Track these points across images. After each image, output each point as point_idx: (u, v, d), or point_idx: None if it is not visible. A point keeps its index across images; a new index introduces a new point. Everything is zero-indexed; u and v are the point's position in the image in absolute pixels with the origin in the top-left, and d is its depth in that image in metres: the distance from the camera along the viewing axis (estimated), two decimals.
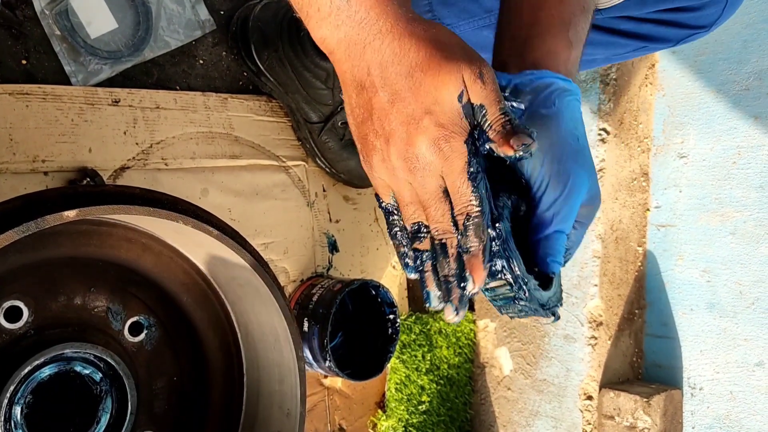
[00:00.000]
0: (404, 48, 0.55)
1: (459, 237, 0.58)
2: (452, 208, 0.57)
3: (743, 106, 1.26)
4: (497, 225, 0.59)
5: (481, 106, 0.56)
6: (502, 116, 0.56)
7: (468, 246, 0.57)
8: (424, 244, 0.60)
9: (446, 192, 0.57)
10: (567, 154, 0.62)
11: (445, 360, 1.44)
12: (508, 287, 0.60)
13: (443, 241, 0.59)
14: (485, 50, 1.01)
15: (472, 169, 0.56)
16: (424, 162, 0.56)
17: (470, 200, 0.56)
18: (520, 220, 0.65)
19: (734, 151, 1.27)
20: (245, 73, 1.17)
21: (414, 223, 0.60)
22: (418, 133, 0.56)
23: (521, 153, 0.55)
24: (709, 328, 1.29)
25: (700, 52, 1.32)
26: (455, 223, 0.58)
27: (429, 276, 0.61)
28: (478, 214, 0.56)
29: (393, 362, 1.35)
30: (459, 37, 0.58)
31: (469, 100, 0.55)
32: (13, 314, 0.72)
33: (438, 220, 0.58)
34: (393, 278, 1.37)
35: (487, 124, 0.56)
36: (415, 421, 1.38)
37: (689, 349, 1.32)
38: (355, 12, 0.54)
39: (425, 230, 0.60)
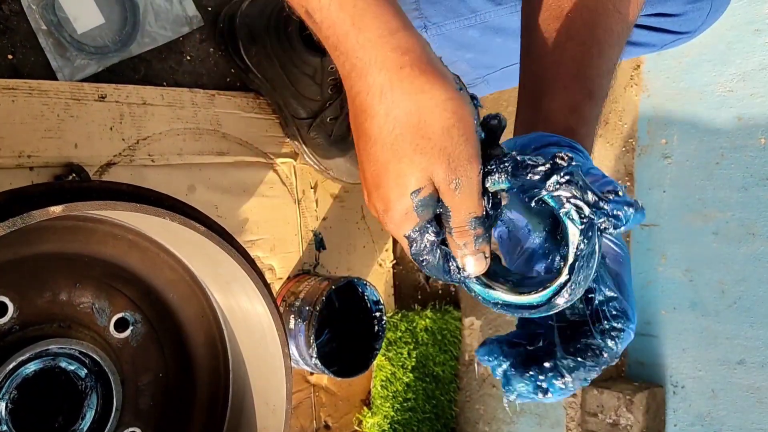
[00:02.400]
0: (374, 109, 0.50)
1: None
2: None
3: (727, 107, 1.27)
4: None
5: (447, 209, 0.52)
6: (468, 230, 0.52)
7: None
8: None
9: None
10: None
11: (431, 357, 1.44)
12: None
13: None
14: (470, 50, 1.02)
15: (415, 255, 0.55)
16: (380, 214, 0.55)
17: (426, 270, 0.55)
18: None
19: (717, 152, 1.28)
20: (233, 70, 1.17)
21: None
22: (370, 200, 0.54)
23: (471, 272, 0.53)
24: (692, 326, 1.31)
25: (685, 54, 1.33)
26: None
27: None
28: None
29: (379, 359, 1.35)
30: (452, 116, 0.49)
31: (431, 195, 0.51)
32: None
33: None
34: (379, 276, 1.37)
35: (449, 228, 0.53)
36: (400, 418, 1.38)
37: (672, 347, 1.34)
38: (342, 36, 0.49)
39: None
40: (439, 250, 0.54)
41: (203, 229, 0.70)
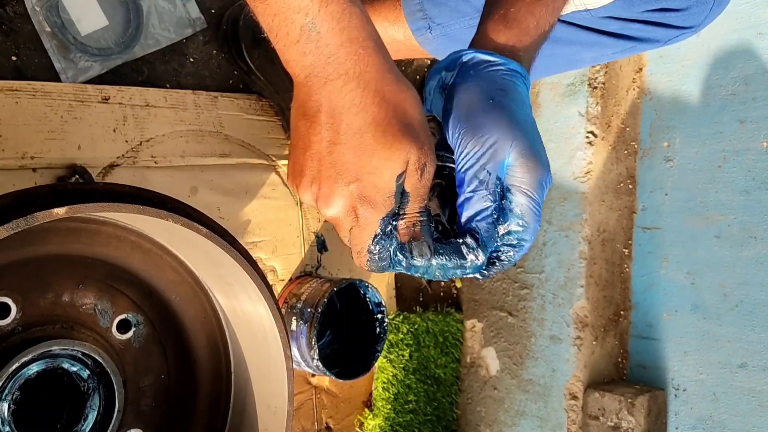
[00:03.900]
0: (366, 103, 0.55)
1: None
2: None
3: (729, 110, 1.27)
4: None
5: (407, 195, 0.58)
6: (418, 215, 0.58)
7: None
8: None
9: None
10: (475, 112, 0.60)
11: (432, 359, 1.44)
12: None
13: None
14: None
15: (375, 247, 0.59)
16: (336, 218, 0.59)
17: (368, 266, 0.60)
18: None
19: (720, 155, 1.28)
20: (235, 72, 1.17)
21: None
22: (340, 194, 0.58)
23: (415, 261, 0.59)
24: (694, 329, 1.31)
25: (687, 57, 1.33)
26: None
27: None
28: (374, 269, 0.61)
29: (380, 361, 1.36)
30: (422, 114, 0.57)
31: (403, 182, 0.57)
32: (0, 311, 0.72)
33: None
34: (381, 278, 1.37)
35: (403, 214, 0.58)
36: (401, 420, 1.38)
37: (674, 350, 1.34)
38: (324, 45, 0.53)
39: None
40: (395, 240, 0.59)
41: (205, 230, 0.70)
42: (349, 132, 0.55)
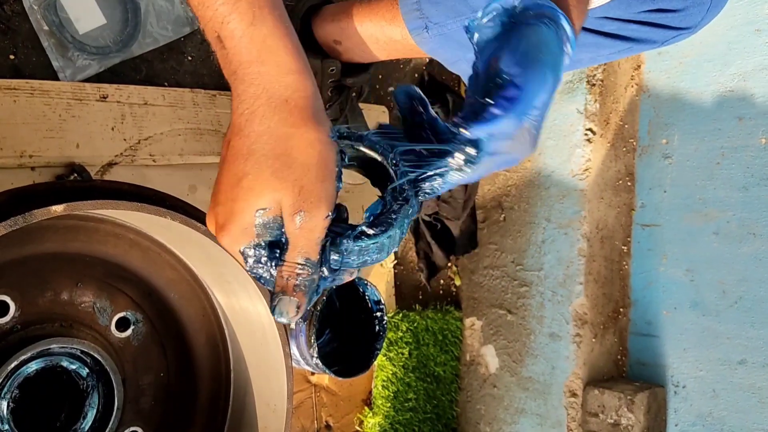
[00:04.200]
0: (249, 130, 0.53)
1: None
2: None
3: (727, 107, 1.27)
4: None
5: (287, 241, 0.55)
6: (296, 267, 0.55)
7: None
8: None
9: None
10: (526, 57, 0.57)
11: (432, 358, 1.44)
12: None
13: None
14: (471, 49, 1.02)
15: (255, 274, 0.56)
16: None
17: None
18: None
19: (718, 152, 1.28)
20: None
21: None
22: (209, 215, 0.57)
23: (276, 317, 0.56)
24: (693, 326, 1.31)
25: (685, 54, 1.33)
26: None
27: None
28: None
29: (380, 360, 1.36)
30: (319, 159, 0.54)
31: (274, 218, 0.54)
32: None
33: None
34: (380, 276, 1.37)
35: (282, 260, 0.55)
36: (401, 418, 1.38)
37: (673, 347, 1.34)
38: (229, 62, 0.54)
39: None
40: (271, 272, 0.56)
41: (204, 228, 0.70)
42: (231, 154, 0.54)
